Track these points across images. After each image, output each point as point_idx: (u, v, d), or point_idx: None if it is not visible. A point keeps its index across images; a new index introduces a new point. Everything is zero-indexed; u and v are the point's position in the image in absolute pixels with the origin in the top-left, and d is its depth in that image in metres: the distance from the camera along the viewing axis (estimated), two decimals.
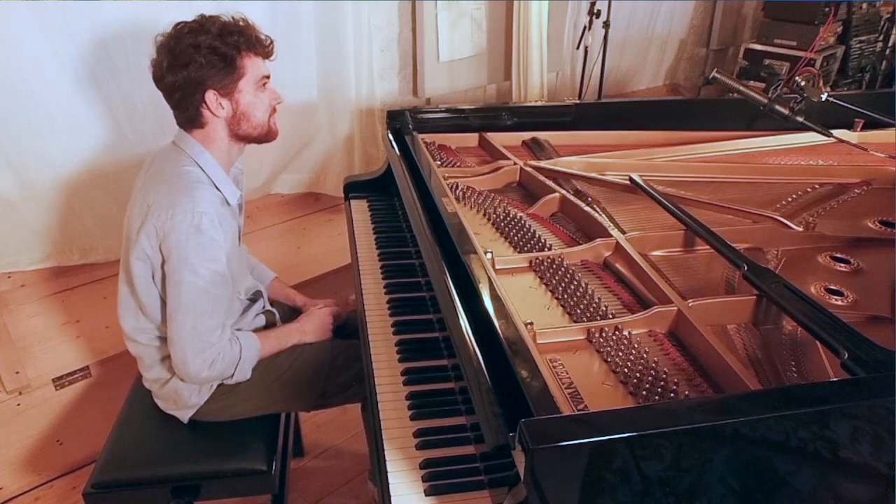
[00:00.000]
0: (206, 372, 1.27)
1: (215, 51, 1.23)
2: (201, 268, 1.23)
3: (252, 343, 1.37)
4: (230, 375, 1.33)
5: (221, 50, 1.23)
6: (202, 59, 1.22)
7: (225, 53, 1.24)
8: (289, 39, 2.36)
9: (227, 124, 1.31)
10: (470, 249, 1.17)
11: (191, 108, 1.28)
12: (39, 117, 1.94)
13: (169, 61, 1.23)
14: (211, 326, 1.26)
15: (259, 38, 1.30)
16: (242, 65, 1.27)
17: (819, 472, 0.79)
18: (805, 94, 1.43)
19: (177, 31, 1.25)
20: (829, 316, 0.97)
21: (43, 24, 1.85)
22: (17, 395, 1.83)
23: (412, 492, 0.98)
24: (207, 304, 1.25)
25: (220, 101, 1.27)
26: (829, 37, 3.73)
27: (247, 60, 1.28)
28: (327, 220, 2.72)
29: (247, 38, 1.27)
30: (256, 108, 1.32)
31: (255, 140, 1.36)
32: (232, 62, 1.25)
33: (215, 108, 1.27)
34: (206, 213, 1.22)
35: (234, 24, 1.27)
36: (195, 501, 1.37)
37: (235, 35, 1.25)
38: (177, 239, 1.21)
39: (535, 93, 3.01)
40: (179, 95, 1.26)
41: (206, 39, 1.22)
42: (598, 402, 0.91)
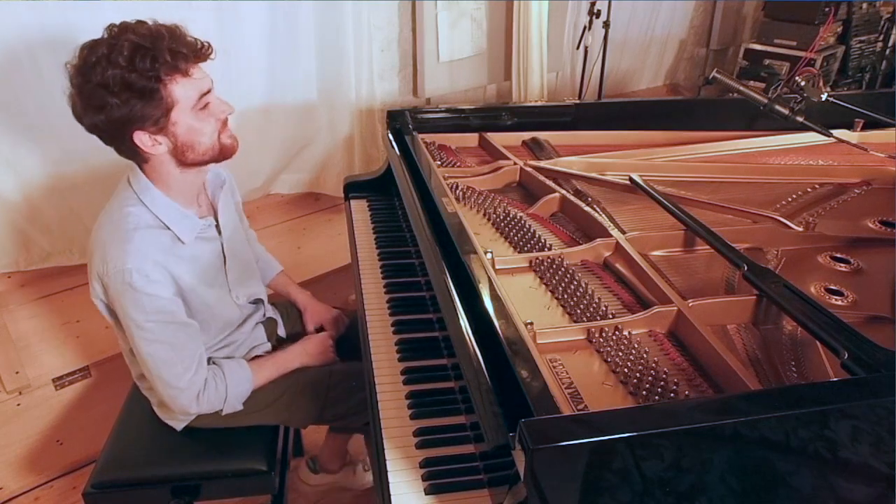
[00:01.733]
0: (194, 408, 1.27)
1: (130, 87, 1.03)
2: (146, 323, 1.15)
3: (241, 377, 1.33)
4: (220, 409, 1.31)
5: (138, 85, 1.03)
6: (116, 100, 1.04)
7: (143, 88, 1.03)
8: (289, 39, 2.36)
9: (172, 157, 1.15)
10: (470, 249, 1.17)
11: (123, 147, 1.13)
12: (39, 117, 1.94)
13: (82, 104, 1.07)
14: (178, 373, 1.21)
15: (182, 52, 1.07)
16: (168, 93, 1.07)
17: (819, 471, 0.79)
18: (805, 94, 1.43)
19: (83, 62, 1.06)
20: (829, 316, 0.97)
21: (43, 23, 1.84)
22: (17, 395, 1.83)
23: (412, 490, 0.98)
24: (165, 354, 1.19)
25: (154, 138, 1.10)
26: (829, 37, 3.73)
27: (172, 86, 1.07)
28: (327, 220, 2.72)
29: (163, 60, 1.04)
30: (200, 133, 1.13)
31: (210, 161, 1.20)
32: (154, 95, 1.05)
33: (150, 147, 1.11)
34: (136, 270, 1.10)
35: (149, 42, 1.04)
36: (195, 501, 1.37)
37: (148, 60, 1.03)
38: (114, 294, 1.14)
39: (535, 93, 3.01)
40: (106, 137, 1.12)
41: (116, 73, 1.02)
42: (598, 402, 0.91)
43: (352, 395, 1.43)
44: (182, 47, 1.08)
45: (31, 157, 1.97)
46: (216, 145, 1.18)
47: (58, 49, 1.89)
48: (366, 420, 1.39)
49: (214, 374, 1.29)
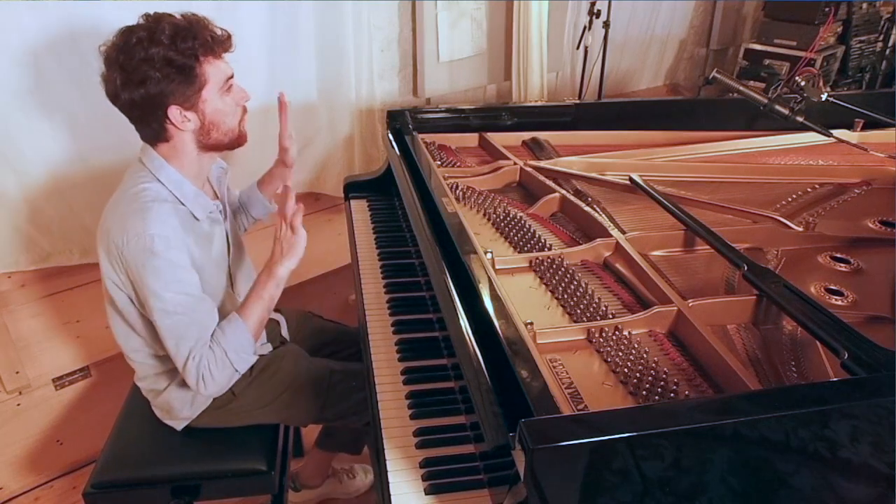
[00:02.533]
0: (207, 388, 1.20)
1: (171, 63, 1.12)
2: (166, 292, 1.15)
3: (237, 335, 1.23)
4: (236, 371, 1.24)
5: (178, 61, 1.12)
6: (158, 74, 1.12)
7: (182, 64, 1.13)
8: (289, 39, 2.36)
9: (195, 136, 1.22)
10: (470, 249, 1.17)
11: (154, 124, 1.19)
12: (39, 117, 1.94)
13: (122, 79, 1.13)
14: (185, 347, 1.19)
15: (215, 37, 1.18)
16: (203, 72, 1.16)
17: (819, 471, 0.79)
18: (805, 94, 1.43)
19: (124, 41, 1.13)
20: (829, 316, 0.97)
21: (42, 23, 1.84)
22: (17, 395, 1.83)
23: (412, 490, 0.98)
24: (184, 328, 1.18)
25: (184, 114, 1.18)
26: (829, 37, 3.73)
27: (206, 66, 1.17)
28: (327, 220, 2.72)
29: (202, 40, 1.15)
30: (225, 114, 1.22)
31: (226, 147, 1.27)
32: (191, 72, 1.14)
33: (180, 123, 1.18)
34: (157, 235, 1.14)
35: (187, 25, 1.14)
36: (195, 501, 1.37)
37: (190, 40, 1.13)
38: (134, 266, 1.15)
39: (535, 93, 3.01)
40: (139, 113, 1.18)
41: (159, 51, 1.11)
42: (598, 402, 0.91)
43: (352, 395, 1.43)
44: (213, 33, 1.18)
45: (31, 157, 1.97)
46: (236, 130, 1.26)
47: (58, 49, 1.90)
48: (366, 420, 1.40)
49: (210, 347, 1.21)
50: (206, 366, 1.19)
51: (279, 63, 2.37)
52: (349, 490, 1.88)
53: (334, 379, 1.45)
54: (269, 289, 1.27)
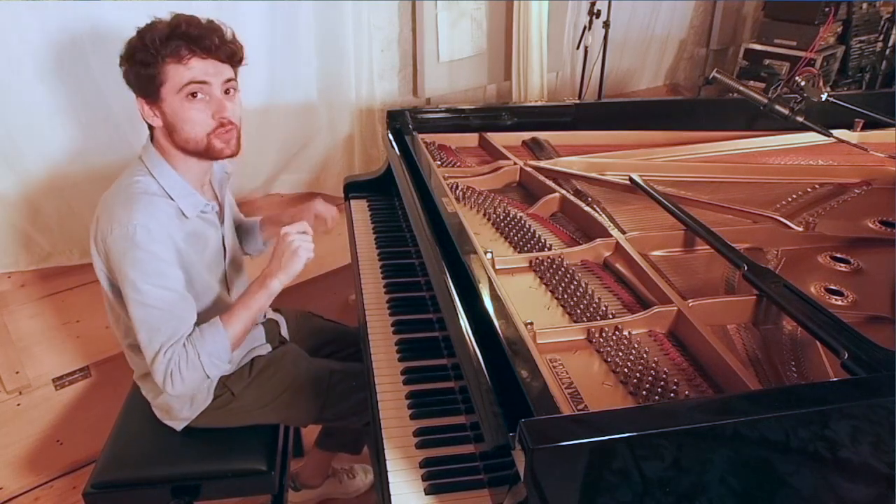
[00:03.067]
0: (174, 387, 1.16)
1: (133, 55, 1.15)
2: (143, 285, 1.13)
3: (215, 340, 1.19)
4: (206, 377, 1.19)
5: (139, 56, 1.14)
6: (126, 65, 1.17)
7: (141, 59, 1.14)
8: (289, 39, 2.36)
9: (163, 134, 1.22)
10: (470, 249, 1.17)
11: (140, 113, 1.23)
12: (39, 117, 1.94)
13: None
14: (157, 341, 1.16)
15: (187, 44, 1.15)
16: (161, 72, 1.15)
17: (819, 472, 0.79)
18: (805, 94, 1.43)
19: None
20: (829, 316, 0.97)
21: (42, 23, 1.84)
22: (17, 395, 1.83)
23: (412, 490, 0.98)
24: (156, 321, 1.15)
25: (151, 109, 1.19)
26: (829, 37, 3.73)
27: (166, 67, 1.15)
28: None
29: (168, 42, 1.13)
30: (184, 120, 1.18)
31: (193, 154, 1.23)
32: (148, 69, 1.15)
33: (149, 118, 1.20)
34: (140, 225, 1.13)
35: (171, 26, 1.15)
36: (195, 501, 1.37)
37: (157, 38, 1.13)
38: (115, 255, 1.15)
39: (535, 93, 3.01)
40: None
41: (133, 42, 1.16)
42: (598, 402, 0.91)
43: (352, 395, 1.43)
44: (193, 40, 1.15)
45: (31, 157, 1.97)
46: (202, 140, 1.21)
47: (58, 49, 1.90)
48: (366, 420, 1.40)
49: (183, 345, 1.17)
50: (177, 363, 1.15)
51: (279, 63, 2.37)
52: (349, 490, 1.88)
53: (334, 379, 1.45)
54: (258, 299, 1.24)
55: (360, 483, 1.90)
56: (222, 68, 1.20)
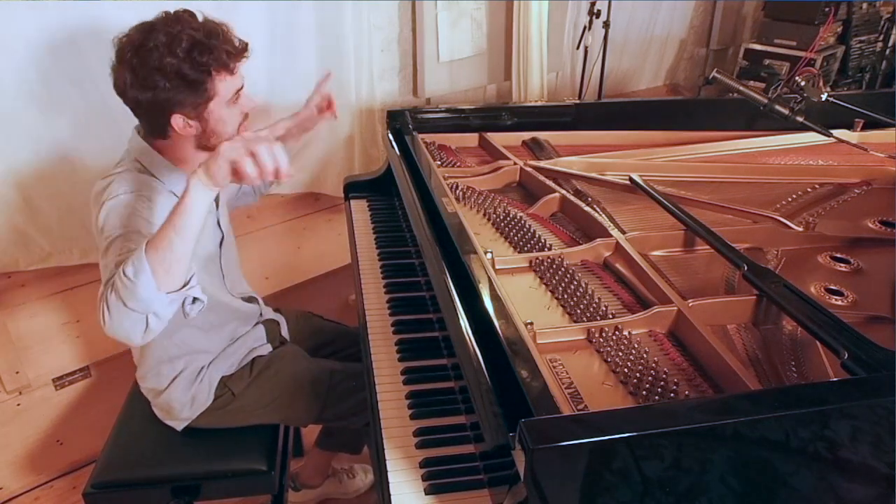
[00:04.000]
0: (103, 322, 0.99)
1: (183, 77, 1.12)
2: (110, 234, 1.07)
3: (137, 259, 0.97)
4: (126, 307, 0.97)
5: (190, 76, 1.12)
6: (168, 84, 1.12)
7: (194, 80, 1.13)
8: (289, 39, 2.36)
9: (196, 140, 1.23)
10: (470, 249, 1.17)
11: (156, 124, 1.20)
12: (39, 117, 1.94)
13: (131, 80, 1.14)
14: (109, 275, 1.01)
15: (231, 52, 1.17)
16: (213, 87, 1.16)
17: (819, 472, 0.79)
18: (805, 94, 1.43)
19: (140, 43, 1.12)
20: (829, 316, 0.97)
21: (42, 22, 1.84)
22: (17, 395, 1.83)
23: (412, 490, 0.98)
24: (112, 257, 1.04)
25: (188, 122, 1.18)
26: (829, 37, 3.73)
27: (217, 81, 1.16)
28: (327, 220, 2.72)
29: (218, 56, 1.14)
30: (227, 124, 1.22)
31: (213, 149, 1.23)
32: (201, 86, 1.15)
33: (182, 129, 1.19)
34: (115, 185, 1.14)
35: (205, 38, 1.13)
36: (195, 501, 1.37)
37: (206, 55, 1.12)
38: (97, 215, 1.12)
39: (535, 93, 3.00)
40: (143, 112, 1.19)
41: (173, 63, 1.10)
42: (598, 402, 0.91)
43: (352, 395, 1.43)
44: (231, 47, 1.17)
45: (30, 157, 1.97)
46: (234, 135, 1.23)
47: (58, 48, 1.90)
48: (366, 420, 1.40)
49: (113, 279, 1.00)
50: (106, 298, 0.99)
51: (279, 63, 2.37)
52: (349, 490, 1.88)
53: (334, 379, 1.45)
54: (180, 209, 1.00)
55: (360, 483, 1.90)
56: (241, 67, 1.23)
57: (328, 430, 1.78)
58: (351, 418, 1.46)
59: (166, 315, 1.02)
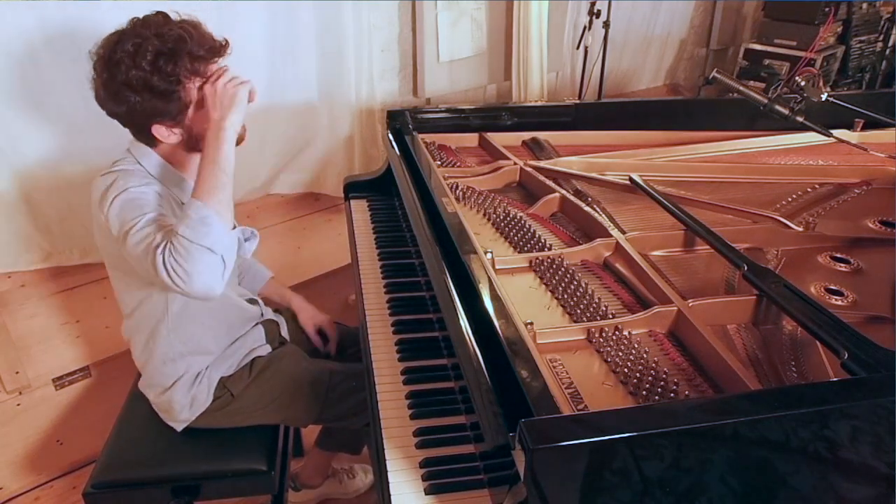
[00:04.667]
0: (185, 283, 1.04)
1: (152, 88, 1.09)
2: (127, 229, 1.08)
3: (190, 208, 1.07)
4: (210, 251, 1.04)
5: (159, 87, 1.10)
6: (139, 98, 1.10)
7: (164, 90, 1.10)
8: (289, 40, 2.36)
9: (183, 144, 1.22)
10: (470, 249, 1.17)
11: (141, 135, 1.20)
12: (39, 117, 1.94)
13: (105, 95, 1.13)
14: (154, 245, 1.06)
15: (200, 56, 1.14)
16: (186, 94, 1.13)
17: (819, 471, 0.79)
18: (805, 94, 1.43)
19: (108, 56, 1.11)
20: (829, 316, 0.97)
21: (42, 23, 1.85)
22: (17, 395, 1.83)
23: (412, 490, 0.98)
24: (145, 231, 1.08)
25: (171, 130, 1.17)
26: (829, 37, 3.73)
27: (191, 87, 1.14)
28: (327, 220, 2.72)
29: (184, 63, 1.11)
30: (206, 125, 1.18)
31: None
32: (173, 95, 1.12)
33: (166, 137, 1.17)
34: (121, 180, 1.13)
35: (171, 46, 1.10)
36: (195, 501, 1.37)
37: (171, 64, 1.09)
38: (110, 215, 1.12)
39: (535, 93, 3.01)
40: (126, 124, 1.19)
41: (139, 75, 1.08)
42: (598, 402, 0.91)
43: (352, 396, 1.43)
44: (201, 50, 1.14)
45: (31, 157, 1.97)
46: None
47: (58, 48, 1.90)
48: (365, 421, 1.40)
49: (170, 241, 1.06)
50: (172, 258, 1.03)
51: (279, 63, 2.37)
52: (349, 490, 1.88)
53: (334, 380, 1.45)
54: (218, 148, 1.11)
55: (360, 483, 1.90)
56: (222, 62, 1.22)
57: (328, 431, 1.78)
58: (351, 419, 1.46)
59: (233, 256, 1.09)
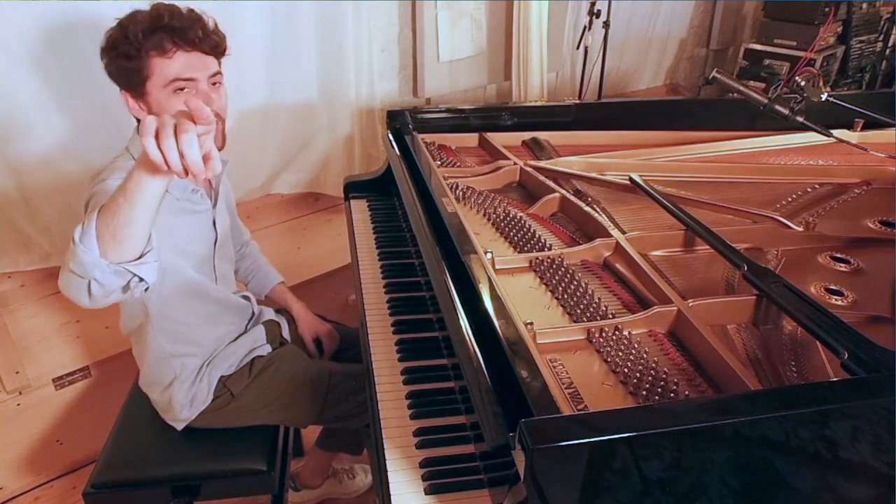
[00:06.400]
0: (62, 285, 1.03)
1: (116, 48, 1.14)
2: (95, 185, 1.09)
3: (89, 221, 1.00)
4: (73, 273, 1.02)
5: (123, 49, 1.13)
6: (107, 58, 1.16)
7: (125, 52, 1.13)
8: (289, 40, 2.36)
9: None
10: (470, 249, 1.17)
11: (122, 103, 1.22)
12: (38, 117, 1.94)
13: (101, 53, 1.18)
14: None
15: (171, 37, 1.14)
16: (146, 66, 1.14)
17: (819, 471, 0.79)
18: (805, 94, 1.43)
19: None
20: (829, 316, 0.97)
21: (42, 22, 1.85)
22: (17, 395, 1.83)
23: (412, 490, 0.98)
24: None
25: (137, 102, 1.19)
26: (829, 37, 3.73)
27: (152, 61, 1.14)
28: (327, 220, 2.72)
29: (152, 36, 1.13)
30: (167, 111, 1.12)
31: None
32: (134, 62, 1.14)
33: (135, 111, 1.20)
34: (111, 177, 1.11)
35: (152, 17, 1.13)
36: (195, 501, 1.37)
37: (140, 33, 1.12)
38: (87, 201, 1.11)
39: (535, 93, 3.01)
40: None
41: (114, 35, 1.15)
42: (598, 402, 0.91)
43: (352, 396, 1.43)
44: (176, 32, 1.14)
45: (30, 156, 1.97)
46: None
47: (58, 48, 1.90)
48: (365, 421, 1.40)
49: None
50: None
51: (279, 63, 2.37)
52: (349, 490, 1.88)
53: (334, 380, 1.45)
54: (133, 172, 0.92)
55: (360, 483, 1.90)
56: (208, 61, 1.20)
57: (328, 431, 1.78)
58: (351, 419, 1.46)
59: (110, 286, 0.97)
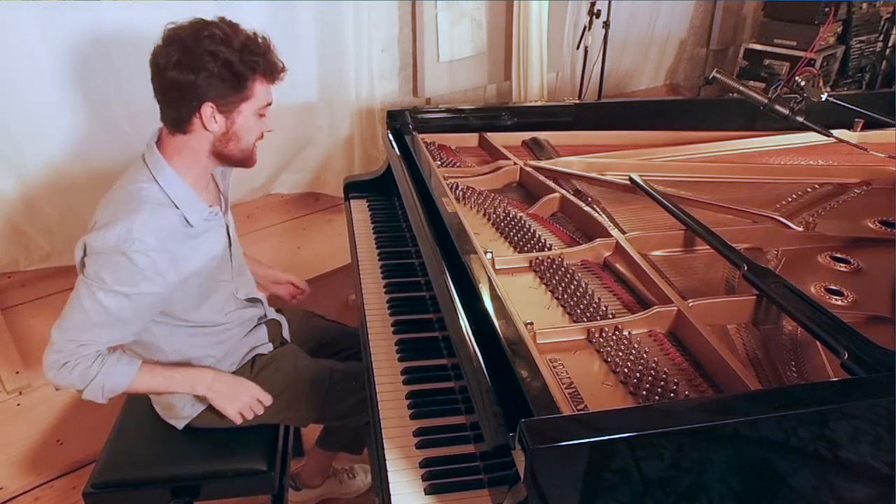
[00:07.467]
0: (53, 373, 1.17)
1: (231, 66, 1.15)
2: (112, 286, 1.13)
3: (121, 373, 1.21)
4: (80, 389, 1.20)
5: (237, 68, 1.16)
6: (214, 70, 1.14)
7: (239, 72, 1.17)
8: (289, 39, 2.36)
9: (214, 140, 1.22)
10: (470, 249, 1.17)
11: (182, 111, 1.19)
12: (40, 117, 1.94)
13: (178, 58, 1.14)
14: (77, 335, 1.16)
15: (275, 65, 1.23)
16: (252, 87, 1.20)
17: (819, 471, 0.79)
18: (805, 94, 1.43)
19: (198, 29, 1.16)
20: (829, 316, 0.97)
21: (42, 24, 1.85)
22: (17, 395, 1.83)
23: (412, 490, 0.98)
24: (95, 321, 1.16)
25: (215, 116, 1.19)
26: (829, 37, 3.73)
27: (258, 84, 1.21)
28: (327, 220, 2.72)
29: (266, 62, 1.20)
30: (250, 132, 1.24)
31: (234, 162, 1.28)
32: (243, 82, 1.18)
33: (208, 122, 1.19)
34: (139, 240, 1.13)
35: (258, 43, 1.19)
36: (195, 501, 1.37)
37: (257, 55, 1.18)
38: (98, 256, 1.14)
39: (535, 93, 3.01)
40: (175, 95, 1.17)
41: (225, 52, 1.15)
42: (598, 402, 0.91)
43: (352, 395, 1.43)
44: (278, 60, 1.23)
45: (31, 157, 1.98)
46: (250, 150, 1.28)
47: (60, 50, 1.90)
48: (366, 419, 1.40)
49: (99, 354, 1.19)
50: (78, 363, 1.17)
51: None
52: (349, 490, 1.88)
53: (334, 379, 1.45)
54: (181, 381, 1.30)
55: (360, 483, 1.90)
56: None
57: (329, 430, 1.78)
58: (351, 418, 1.46)
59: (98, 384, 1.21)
